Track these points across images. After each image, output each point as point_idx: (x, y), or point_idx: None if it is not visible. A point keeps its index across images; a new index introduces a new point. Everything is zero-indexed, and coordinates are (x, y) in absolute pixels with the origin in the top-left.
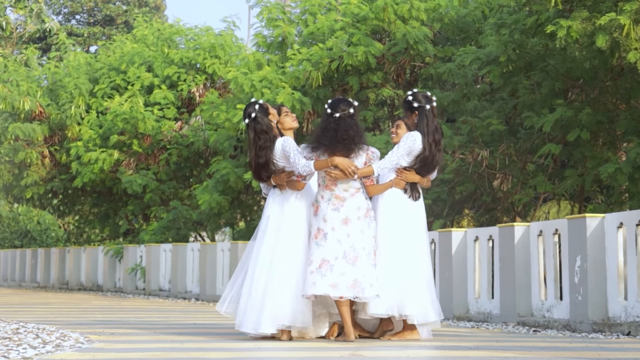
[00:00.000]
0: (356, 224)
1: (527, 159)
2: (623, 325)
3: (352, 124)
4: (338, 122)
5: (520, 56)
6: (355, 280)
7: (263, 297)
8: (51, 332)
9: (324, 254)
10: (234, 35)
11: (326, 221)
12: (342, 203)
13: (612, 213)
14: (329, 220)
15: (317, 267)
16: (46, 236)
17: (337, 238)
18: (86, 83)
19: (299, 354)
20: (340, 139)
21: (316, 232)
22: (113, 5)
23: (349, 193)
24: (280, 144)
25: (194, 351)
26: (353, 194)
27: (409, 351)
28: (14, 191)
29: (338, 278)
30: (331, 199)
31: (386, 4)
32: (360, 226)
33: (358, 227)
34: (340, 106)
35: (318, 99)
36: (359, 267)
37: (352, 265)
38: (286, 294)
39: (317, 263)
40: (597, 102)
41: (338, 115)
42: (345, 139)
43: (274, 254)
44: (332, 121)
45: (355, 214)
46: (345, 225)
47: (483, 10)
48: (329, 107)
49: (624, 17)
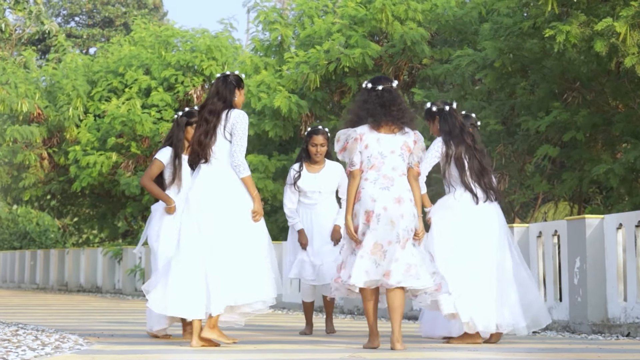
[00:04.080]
0: (409, 205)
1: (525, 159)
2: (622, 326)
3: (398, 96)
4: (382, 94)
5: (516, 60)
6: (409, 265)
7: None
8: (50, 334)
9: (377, 238)
10: (231, 37)
11: (375, 201)
12: (392, 182)
13: (612, 214)
14: (379, 200)
15: (369, 252)
16: (45, 237)
17: (390, 219)
18: (84, 85)
19: (300, 355)
20: (387, 110)
21: (365, 215)
22: (112, 7)
23: (397, 173)
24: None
25: (195, 352)
26: (401, 175)
27: (409, 353)
28: (13, 193)
29: (392, 265)
30: (378, 179)
31: (383, 5)
32: (412, 209)
33: (410, 210)
34: (382, 80)
35: (316, 102)
36: (410, 251)
37: (403, 250)
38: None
39: (369, 248)
40: (594, 104)
41: (381, 87)
42: (393, 109)
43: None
44: (374, 94)
45: (408, 195)
46: (398, 205)
47: (480, 11)
48: (370, 82)
49: (620, 23)
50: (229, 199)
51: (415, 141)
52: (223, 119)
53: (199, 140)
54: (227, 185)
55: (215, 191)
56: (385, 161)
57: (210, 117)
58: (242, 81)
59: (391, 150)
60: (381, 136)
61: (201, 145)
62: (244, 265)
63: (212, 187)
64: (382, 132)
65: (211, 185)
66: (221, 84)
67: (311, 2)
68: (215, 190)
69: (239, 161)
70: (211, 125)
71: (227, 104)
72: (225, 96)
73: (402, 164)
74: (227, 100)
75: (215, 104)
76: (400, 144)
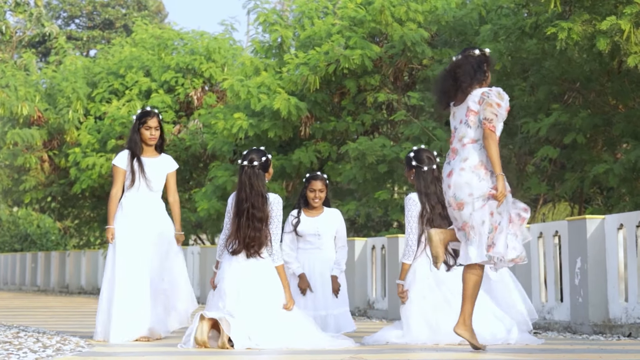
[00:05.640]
0: (457, 175)
1: (526, 160)
2: (624, 326)
3: (470, 61)
4: (457, 63)
5: (516, 62)
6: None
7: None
8: (51, 336)
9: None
10: (232, 38)
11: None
12: (455, 156)
13: (612, 214)
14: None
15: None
16: (46, 240)
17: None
18: (84, 87)
19: (300, 355)
20: (452, 76)
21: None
22: (112, 9)
23: (461, 143)
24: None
25: (195, 355)
26: (465, 144)
27: (409, 353)
28: (13, 196)
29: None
30: (449, 154)
31: (383, 6)
32: (463, 177)
33: (461, 179)
34: (465, 50)
35: (316, 103)
36: (465, 213)
37: (459, 211)
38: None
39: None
40: (594, 105)
41: (460, 55)
42: (457, 75)
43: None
44: (452, 64)
45: (459, 166)
46: (448, 178)
47: (480, 11)
48: (456, 55)
49: (624, 21)
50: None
51: (479, 101)
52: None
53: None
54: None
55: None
56: (456, 134)
57: (257, 214)
58: (269, 165)
59: (460, 119)
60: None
61: (254, 240)
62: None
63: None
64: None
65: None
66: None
67: (311, 4)
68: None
69: (274, 249)
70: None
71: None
72: (259, 190)
73: (469, 131)
74: (263, 193)
75: (253, 198)
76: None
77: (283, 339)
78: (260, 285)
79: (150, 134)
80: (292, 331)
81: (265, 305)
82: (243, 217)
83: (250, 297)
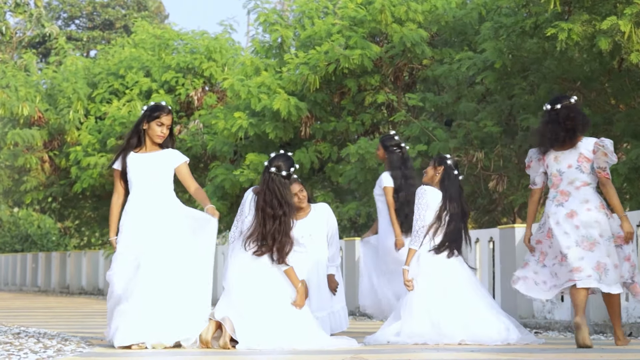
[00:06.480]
0: (586, 214)
1: None
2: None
3: (575, 111)
4: (558, 112)
5: (516, 61)
6: (598, 263)
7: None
8: (52, 336)
9: (556, 250)
10: (231, 38)
11: (549, 217)
12: (567, 197)
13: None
14: (552, 216)
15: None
16: (47, 240)
17: (563, 230)
18: (84, 88)
19: (300, 355)
20: (563, 127)
21: (547, 232)
22: (112, 10)
23: (573, 186)
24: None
25: (195, 355)
26: (578, 186)
27: (411, 353)
28: (14, 196)
29: (578, 262)
30: (556, 196)
31: (383, 6)
32: (592, 216)
33: (591, 218)
34: (560, 99)
35: (316, 103)
36: (597, 252)
37: (590, 252)
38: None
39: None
40: (594, 104)
41: (559, 105)
42: (569, 126)
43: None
44: (553, 113)
45: (584, 206)
46: (570, 218)
47: (480, 11)
48: (548, 103)
49: (624, 21)
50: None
51: (594, 150)
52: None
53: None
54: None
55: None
56: (563, 177)
57: (288, 222)
58: (290, 174)
59: (568, 164)
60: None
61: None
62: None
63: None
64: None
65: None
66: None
67: (311, 4)
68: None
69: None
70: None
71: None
72: (288, 200)
73: (584, 176)
74: (291, 202)
75: (285, 207)
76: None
77: (287, 339)
78: (271, 284)
79: (161, 131)
80: (297, 332)
81: (274, 305)
82: (273, 223)
83: (260, 296)
